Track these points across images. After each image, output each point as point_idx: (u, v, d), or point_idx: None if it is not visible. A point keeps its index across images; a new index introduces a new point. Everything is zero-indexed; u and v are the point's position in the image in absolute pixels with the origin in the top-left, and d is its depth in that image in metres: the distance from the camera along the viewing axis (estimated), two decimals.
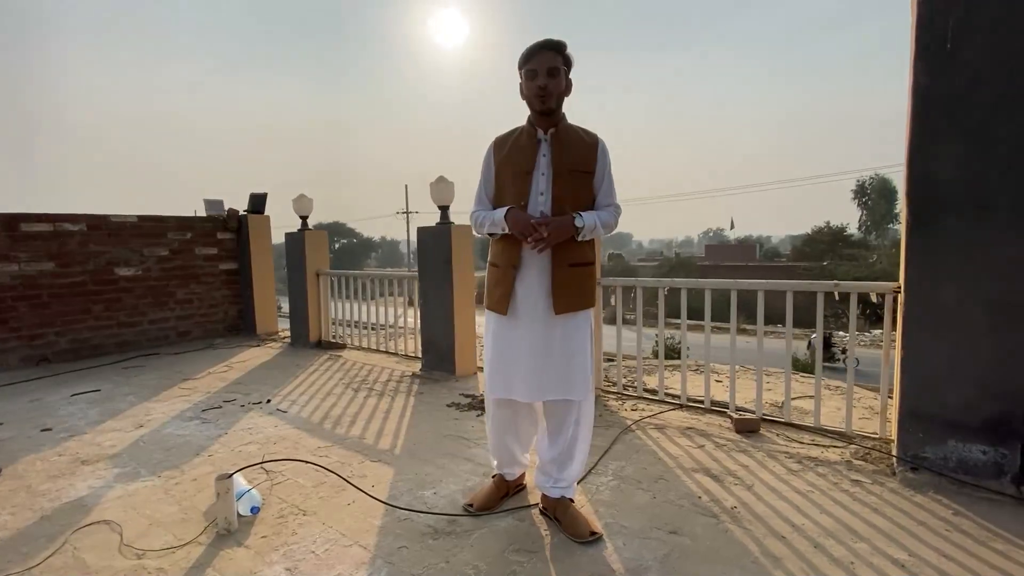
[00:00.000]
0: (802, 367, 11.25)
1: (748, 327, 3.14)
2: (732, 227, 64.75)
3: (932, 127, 2.04)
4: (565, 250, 1.72)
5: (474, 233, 1.86)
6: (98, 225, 5.00)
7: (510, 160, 1.76)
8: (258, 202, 5.95)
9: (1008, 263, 1.94)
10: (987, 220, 1.96)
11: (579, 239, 1.71)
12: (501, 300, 1.77)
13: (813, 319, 2.64)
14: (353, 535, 1.86)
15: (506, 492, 2.02)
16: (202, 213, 5.91)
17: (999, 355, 1.97)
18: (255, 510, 1.99)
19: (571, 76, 1.75)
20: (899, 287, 2.23)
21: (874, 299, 2.44)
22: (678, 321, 3.15)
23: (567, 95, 1.75)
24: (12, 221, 4.54)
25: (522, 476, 2.09)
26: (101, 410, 3.35)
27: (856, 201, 43.69)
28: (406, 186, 44.92)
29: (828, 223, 37.04)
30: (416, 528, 1.89)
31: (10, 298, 4.53)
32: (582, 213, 1.71)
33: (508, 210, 1.71)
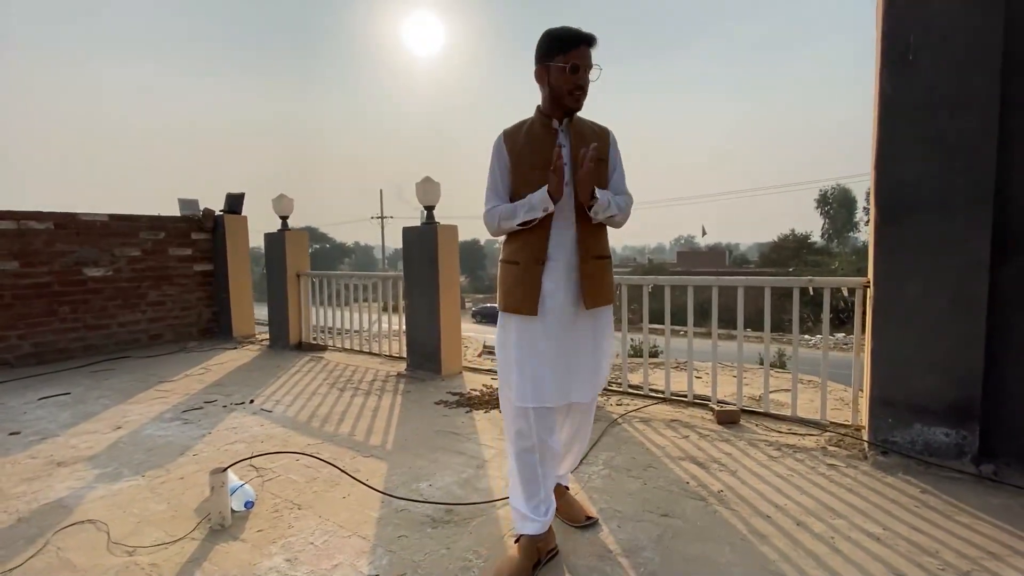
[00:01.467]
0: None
1: (723, 332, 3.26)
2: (704, 234, 66.47)
3: (896, 132, 2.19)
4: (588, 242, 1.65)
5: (491, 234, 1.71)
6: (65, 223, 4.82)
7: (527, 152, 1.64)
8: (235, 202, 5.84)
9: (964, 258, 2.10)
10: (946, 219, 2.12)
11: (592, 212, 1.60)
12: (526, 299, 1.60)
13: (779, 323, 2.75)
14: (351, 526, 1.86)
15: (538, 560, 1.60)
16: (172, 213, 5.76)
17: (959, 344, 2.13)
18: (249, 505, 1.97)
19: None
20: (868, 282, 2.38)
21: (845, 293, 2.58)
22: (660, 326, 3.25)
23: None
24: None
25: (551, 535, 1.67)
26: (73, 413, 3.23)
27: (819, 210, 45.44)
28: (381, 191, 44.55)
29: (793, 231, 38.46)
30: (414, 518, 1.91)
31: None
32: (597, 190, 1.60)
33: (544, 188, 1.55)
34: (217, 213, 5.82)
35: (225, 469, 1.89)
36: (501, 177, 1.69)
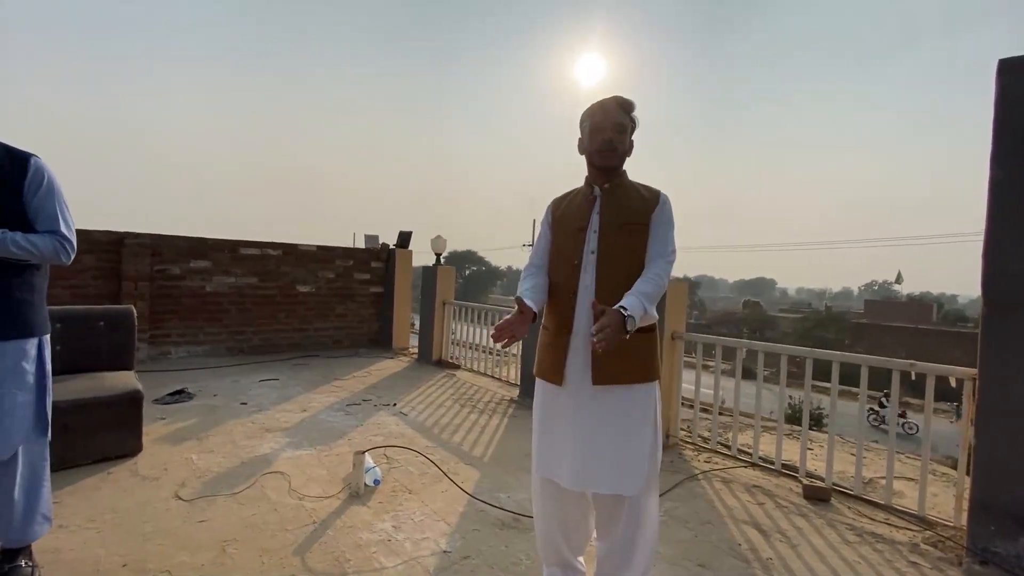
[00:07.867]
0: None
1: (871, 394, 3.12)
2: (899, 281, 56.42)
3: (1007, 220, 2.09)
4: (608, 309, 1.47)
5: None
6: (290, 251, 6.47)
7: (565, 219, 1.70)
8: (404, 238, 7.14)
9: None
10: None
11: (632, 328, 1.43)
12: (551, 368, 1.65)
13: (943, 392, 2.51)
14: (442, 514, 2.42)
15: None
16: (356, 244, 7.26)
17: None
18: (377, 482, 2.66)
19: (634, 139, 1.67)
20: (976, 375, 2.23)
21: (952, 384, 2.41)
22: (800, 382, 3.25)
23: (629, 155, 1.68)
24: (235, 246, 6.13)
25: None
26: (279, 395, 4.42)
27: None
28: (534, 220, 46.96)
29: None
30: (489, 519, 2.39)
31: (226, 302, 6.08)
32: (624, 304, 1.44)
33: (517, 299, 1.60)
34: (391, 247, 7.16)
35: (364, 452, 2.61)
36: (541, 241, 1.78)
